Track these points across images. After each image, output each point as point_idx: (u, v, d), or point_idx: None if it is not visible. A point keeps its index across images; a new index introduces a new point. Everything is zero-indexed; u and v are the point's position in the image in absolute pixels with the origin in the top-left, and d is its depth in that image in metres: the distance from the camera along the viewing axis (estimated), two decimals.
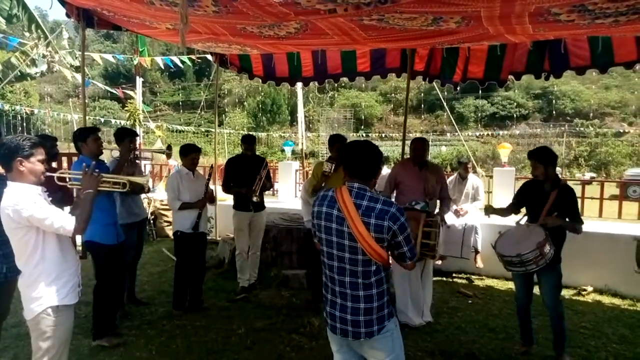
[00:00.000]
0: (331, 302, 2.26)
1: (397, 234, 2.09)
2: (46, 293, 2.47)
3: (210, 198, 4.77)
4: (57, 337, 2.52)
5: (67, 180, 2.94)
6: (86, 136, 3.80)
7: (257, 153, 5.53)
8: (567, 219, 3.58)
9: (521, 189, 3.94)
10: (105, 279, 3.87)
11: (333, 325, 2.24)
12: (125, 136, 4.37)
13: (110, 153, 4.48)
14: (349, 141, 2.38)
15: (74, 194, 3.31)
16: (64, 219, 2.45)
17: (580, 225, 3.57)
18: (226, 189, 5.29)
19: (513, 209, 3.95)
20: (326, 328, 2.31)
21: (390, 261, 2.22)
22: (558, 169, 3.97)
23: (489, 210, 3.99)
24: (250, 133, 5.92)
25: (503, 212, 3.97)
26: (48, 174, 2.59)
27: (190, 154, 4.62)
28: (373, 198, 2.13)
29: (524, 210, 3.89)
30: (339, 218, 2.14)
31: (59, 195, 3.52)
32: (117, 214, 4.04)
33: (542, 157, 3.57)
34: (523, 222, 3.78)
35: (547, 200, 3.54)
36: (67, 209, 3.05)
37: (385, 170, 5.55)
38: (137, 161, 4.53)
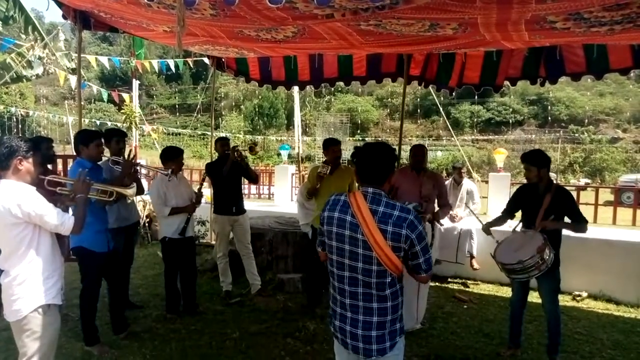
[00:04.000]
0: (341, 315, 2.10)
1: (415, 243, 1.95)
2: (37, 292, 2.50)
3: (198, 199, 4.70)
4: (47, 336, 2.54)
5: (57, 185, 2.98)
6: (89, 141, 3.76)
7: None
8: (568, 221, 3.61)
9: (515, 194, 3.97)
10: (91, 286, 3.80)
11: (344, 340, 2.09)
12: (113, 137, 4.35)
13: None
14: (364, 143, 2.22)
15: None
16: (64, 217, 2.55)
17: (584, 224, 3.58)
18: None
19: (508, 215, 3.97)
20: (326, 338, 2.24)
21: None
22: (553, 175, 4.00)
23: (487, 229, 3.97)
24: (226, 135, 5.88)
25: (498, 222, 3.99)
26: (41, 176, 2.67)
27: (179, 156, 4.56)
28: (390, 204, 2.00)
29: (518, 215, 3.92)
30: (352, 224, 1.99)
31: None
32: (107, 221, 3.97)
33: (535, 160, 3.62)
34: (519, 228, 3.80)
35: (542, 204, 3.57)
36: None
37: None
38: (137, 175, 4.45)
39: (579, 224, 3.58)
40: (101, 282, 3.92)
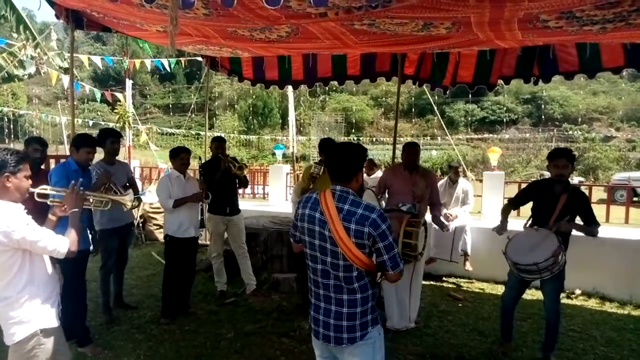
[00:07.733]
0: (315, 306, 2.23)
1: (377, 240, 2.02)
2: (35, 316, 2.32)
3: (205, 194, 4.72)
4: (47, 358, 2.38)
5: (49, 197, 2.75)
6: (80, 146, 3.72)
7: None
8: (580, 223, 3.58)
9: (529, 189, 3.91)
10: (78, 286, 3.76)
11: (316, 330, 2.20)
12: (107, 137, 4.33)
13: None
14: (335, 143, 2.35)
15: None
16: (58, 241, 2.34)
17: (597, 227, 3.56)
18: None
19: (513, 206, 3.91)
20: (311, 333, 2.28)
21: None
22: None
23: (501, 230, 3.89)
24: (221, 136, 5.88)
25: (506, 214, 3.94)
26: (31, 189, 2.43)
27: (179, 154, 4.59)
28: (355, 202, 2.08)
29: (524, 212, 3.86)
30: (321, 221, 2.10)
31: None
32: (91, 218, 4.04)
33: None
34: (528, 224, 3.76)
35: (557, 203, 3.53)
36: None
37: (379, 174, 5.55)
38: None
39: (591, 226, 3.55)
40: (85, 281, 3.89)
